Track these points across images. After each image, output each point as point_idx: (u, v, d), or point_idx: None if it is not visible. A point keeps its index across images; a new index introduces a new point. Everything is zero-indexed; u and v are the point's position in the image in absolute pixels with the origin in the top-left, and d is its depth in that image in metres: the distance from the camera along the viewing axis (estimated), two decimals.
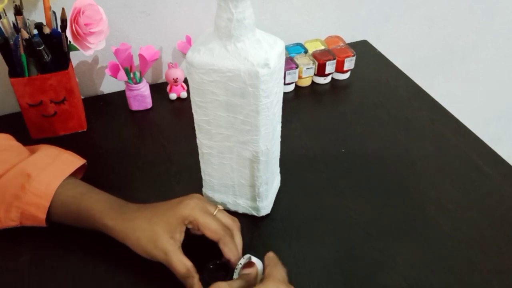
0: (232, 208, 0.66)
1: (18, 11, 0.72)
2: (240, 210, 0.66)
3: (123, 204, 0.60)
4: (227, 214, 0.59)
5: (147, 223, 0.55)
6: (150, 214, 0.56)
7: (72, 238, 0.63)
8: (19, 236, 0.63)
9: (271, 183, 0.65)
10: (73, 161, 0.64)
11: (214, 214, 0.57)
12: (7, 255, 0.62)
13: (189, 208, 0.55)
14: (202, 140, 0.61)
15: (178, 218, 0.55)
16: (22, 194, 0.59)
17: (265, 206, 0.65)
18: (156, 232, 0.55)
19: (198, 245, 0.57)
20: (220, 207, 0.59)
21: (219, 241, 0.55)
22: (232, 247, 0.55)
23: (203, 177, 0.65)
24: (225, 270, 0.55)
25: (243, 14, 0.50)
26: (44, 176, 0.60)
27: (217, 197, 0.66)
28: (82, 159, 0.66)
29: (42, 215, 0.59)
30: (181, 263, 0.54)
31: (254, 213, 0.66)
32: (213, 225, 0.55)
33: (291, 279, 0.58)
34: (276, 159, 0.66)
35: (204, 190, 0.67)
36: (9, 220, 0.60)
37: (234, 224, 0.58)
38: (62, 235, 0.63)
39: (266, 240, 0.64)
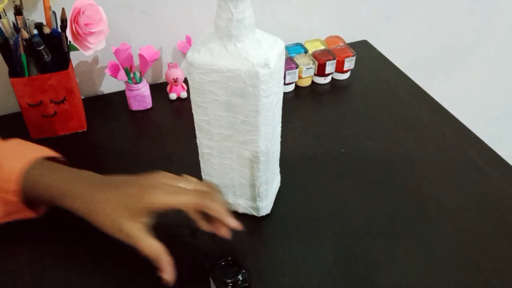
0: (232, 208, 0.66)
1: (18, 11, 0.72)
2: (240, 210, 0.66)
3: (87, 180, 0.59)
4: (197, 180, 0.58)
5: (110, 209, 0.54)
6: (113, 199, 0.55)
7: (71, 237, 0.63)
8: (18, 236, 0.63)
9: (271, 183, 0.65)
10: (42, 149, 0.63)
11: (183, 186, 0.56)
12: (6, 254, 0.62)
13: (155, 197, 0.54)
14: (202, 140, 0.60)
15: (144, 206, 0.54)
16: None
17: (265, 206, 0.65)
18: (119, 217, 0.54)
19: (206, 243, 0.57)
20: (185, 175, 0.57)
21: (203, 209, 0.54)
22: (215, 205, 0.54)
23: (203, 177, 0.65)
24: (237, 265, 0.55)
25: (243, 14, 0.50)
26: (12, 161, 0.59)
27: None
28: (55, 153, 0.64)
29: (17, 198, 0.59)
30: (149, 246, 0.53)
31: (254, 213, 0.66)
32: (188, 200, 0.54)
33: (291, 279, 0.58)
34: (276, 159, 0.66)
35: None
36: None
37: (210, 188, 0.57)
38: (62, 234, 0.63)
39: (266, 240, 0.64)
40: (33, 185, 0.59)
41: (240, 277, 0.54)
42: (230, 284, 0.53)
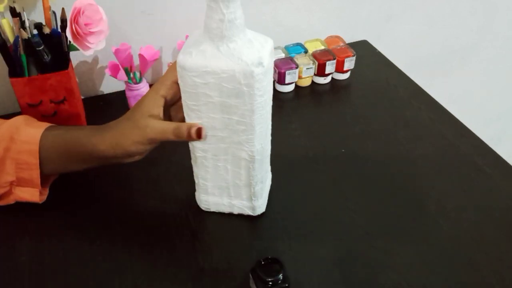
0: (227, 210, 0.66)
1: (14, 13, 0.71)
2: (235, 211, 0.66)
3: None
4: None
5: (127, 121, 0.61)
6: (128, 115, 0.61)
7: (72, 237, 0.63)
8: (19, 236, 0.63)
9: (265, 181, 0.65)
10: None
11: None
12: (7, 255, 0.62)
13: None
14: (195, 143, 0.60)
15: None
16: (12, 145, 0.61)
17: (261, 205, 0.65)
18: (137, 119, 0.60)
19: (206, 243, 0.56)
20: None
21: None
22: None
23: (196, 181, 0.64)
24: (278, 264, 0.55)
25: (234, 14, 0.50)
26: (31, 127, 0.63)
27: (211, 200, 0.65)
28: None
29: (35, 160, 0.61)
30: (167, 125, 0.58)
31: (250, 213, 0.65)
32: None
33: (290, 279, 0.58)
34: (268, 157, 0.66)
35: (197, 194, 0.66)
36: (6, 174, 0.62)
37: None
38: (62, 234, 0.63)
39: (265, 240, 0.64)
40: (52, 142, 0.62)
41: (280, 276, 0.53)
42: (270, 283, 0.53)
